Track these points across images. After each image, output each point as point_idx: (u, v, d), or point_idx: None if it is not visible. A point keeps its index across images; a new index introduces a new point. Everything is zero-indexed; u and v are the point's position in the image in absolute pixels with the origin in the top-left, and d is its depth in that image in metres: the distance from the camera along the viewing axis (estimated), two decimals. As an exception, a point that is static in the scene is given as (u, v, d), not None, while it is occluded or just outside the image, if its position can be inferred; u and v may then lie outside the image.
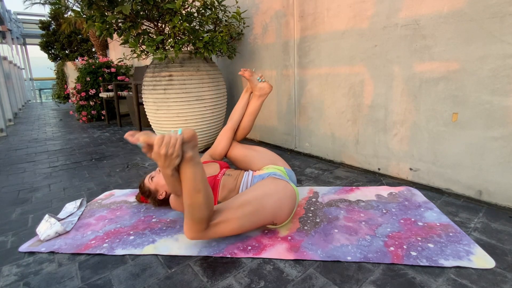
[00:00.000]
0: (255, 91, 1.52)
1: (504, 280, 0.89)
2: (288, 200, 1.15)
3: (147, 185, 1.39)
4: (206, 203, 0.96)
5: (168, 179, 0.98)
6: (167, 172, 0.93)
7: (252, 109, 1.54)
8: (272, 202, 1.10)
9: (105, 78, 4.36)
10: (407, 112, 1.58)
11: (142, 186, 1.41)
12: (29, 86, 12.24)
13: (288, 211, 1.15)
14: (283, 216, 1.14)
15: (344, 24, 1.79)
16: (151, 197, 1.39)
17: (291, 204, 1.16)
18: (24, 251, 1.13)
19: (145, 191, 1.39)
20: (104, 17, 1.96)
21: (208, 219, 1.00)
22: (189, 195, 0.94)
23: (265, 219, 1.10)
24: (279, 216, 1.13)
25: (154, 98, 2.20)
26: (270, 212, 1.10)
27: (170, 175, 0.95)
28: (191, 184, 0.93)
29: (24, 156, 2.56)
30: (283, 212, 1.13)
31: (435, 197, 1.45)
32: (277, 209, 1.11)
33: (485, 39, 1.26)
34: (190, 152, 0.92)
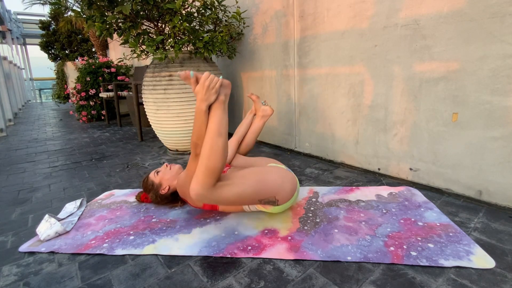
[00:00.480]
0: (258, 112, 1.67)
1: (504, 280, 0.89)
2: (289, 180, 1.22)
3: (152, 178, 1.42)
4: (223, 151, 1.07)
5: (200, 115, 1.10)
6: (202, 106, 1.08)
7: (255, 128, 1.67)
8: (275, 177, 1.20)
9: (105, 78, 4.36)
10: (407, 112, 1.58)
11: (145, 180, 1.44)
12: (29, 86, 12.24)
13: (289, 191, 1.21)
14: (284, 194, 1.19)
15: (344, 24, 1.79)
16: (154, 191, 1.40)
17: (292, 186, 1.22)
18: (24, 251, 1.13)
19: (149, 184, 1.42)
20: (104, 17, 1.96)
21: (219, 173, 1.08)
22: (212, 137, 1.07)
23: (266, 190, 1.17)
24: (281, 192, 1.18)
25: (154, 98, 2.20)
26: (272, 185, 1.18)
27: (204, 110, 1.09)
28: (216, 126, 1.07)
29: (24, 156, 2.56)
30: (285, 190, 1.19)
31: (435, 197, 1.45)
32: (279, 183, 1.19)
33: (485, 39, 1.26)
34: (223, 96, 1.11)
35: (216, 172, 1.06)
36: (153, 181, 1.41)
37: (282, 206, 1.24)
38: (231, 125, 2.99)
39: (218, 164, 1.06)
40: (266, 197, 1.18)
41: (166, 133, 2.30)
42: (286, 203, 1.23)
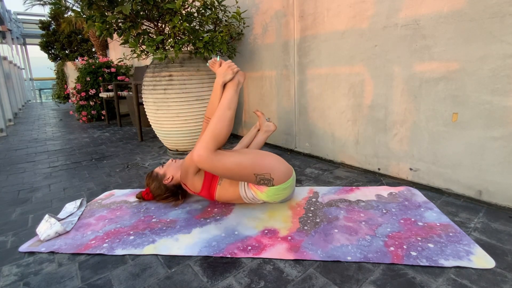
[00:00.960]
0: (262, 127, 1.74)
1: (504, 280, 0.89)
2: (284, 164, 1.33)
3: (157, 170, 1.48)
4: (229, 122, 1.26)
5: (216, 88, 1.35)
6: (219, 80, 1.34)
7: (258, 142, 1.73)
8: (271, 157, 1.32)
9: (105, 78, 4.36)
10: (407, 112, 1.58)
11: (150, 173, 1.49)
12: (29, 86, 12.24)
13: (284, 171, 1.29)
14: (280, 174, 1.27)
15: (344, 24, 1.79)
16: (157, 181, 1.44)
17: (288, 169, 1.32)
18: (24, 251, 1.13)
19: (153, 175, 1.46)
20: (104, 17, 1.96)
21: (222, 141, 1.25)
22: (222, 109, 1.27)
23: (262, 165, 1.26)
24: (276, 171, 1.27)
25: (154, 98, 2.20)
26: (268, 162, 1.28)
27: (220, 84, 1.34)
28: (227, 101, 1.29)
29: (24, 156, 2.56)
30: (280, 170, 1.28)
31: (435, 197, 1.45)
32: (274, 163, 1.29)
33: (485, 39, 1.26)
34: (237, 80, 1.36)
35: (220, 139, 1.23)
36: (158, 172, 1.47)
37: (277, 188, 1.27)
38: (231, 125, 2.99)
39: (223, 131, 1.23)
40: (262, 173, 1.24)
41: (166, 133, 2.30)
42: (281, 184, 1.27)
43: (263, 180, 1.26)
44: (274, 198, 1.32)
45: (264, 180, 1.26)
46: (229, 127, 1.26)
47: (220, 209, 1.40)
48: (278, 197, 1.32)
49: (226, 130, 1.25)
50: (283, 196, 1.33)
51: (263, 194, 1.30)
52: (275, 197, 1.31)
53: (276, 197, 1.32)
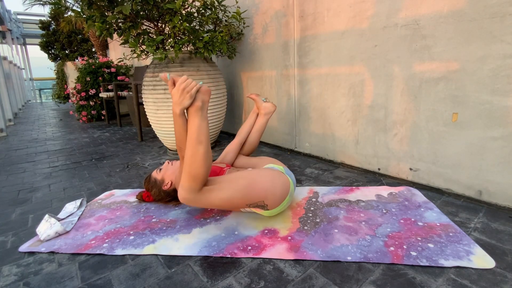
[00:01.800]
0: (261, 110, 1.66)
1: (504, 280, 0.89)
2: (281, 185, 1.21)
3: (154, 175, 1.44)
4: (205, 158, 1.06)
5: (175, 118, 1.09)
6: (176, 109, 1.07)
7: (259, 126, 1.66)
8: (265, 181, 1.18)
9: (105, 78, 4.36)
10: (407, 112, 1.58)
11: (148, 179, 1.46)
12: (29, 86, 12.23)
13: (279, 195, 1.20)
14: (274, 198, 1.19)
15: (344, 24, 1.79)
16: (157, 187, 1.42)
17: (284, 190, 1.21)
18: (24, 251, 1.13)
19: (151, 181, 1.43)
20: (104, 17, 1.96)
21: (204, 179, 1.08)
22: (192, 145, 1.05)
23: (254, 195, 1.16)
24: (269, 197, 1.17)
25: (154, 98, 2.20)
26: (260, 190, 1.16)
27: (178, 114, 1.07)
28: (195, 134, 1.05)
29: (24, 156, 2.56)
30: (274, 194, 1.18)
31: (435, 197, 1.45)
32: (267, 188, 1.17)
33: (485, 39, 1.26)
34: (200, 102, 1.06)
35: (200, 178, 1.06)
36: (156, 178, 1.43)
37: (273, 210, 1.24)
38: (231, 125, 2.99)
39: (200, 170, 1.05)
40: (254, 202, 1.18)
41: (166, 133, 2.30)
42: (276, 208, 1.23)
43: (257, 207, 1.21)
44: (270, 214, 1.27)
45: (258, 207, 1.21)
46: (206, 164, 1.06)
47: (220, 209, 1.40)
48: (275, 213, 1.28)
49: (204, 167, 1.06)
50: (280, 211, 1.28)
51: (260, 213, 1.27)
52: (271, 214, 1.27)
53: (273, 214, 1.28)
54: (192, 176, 1.06)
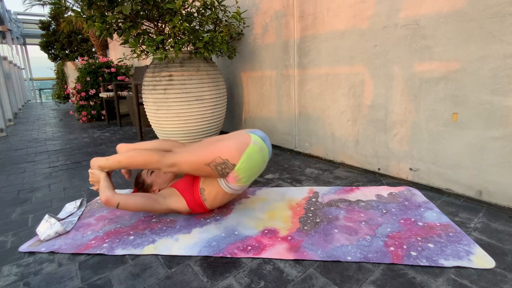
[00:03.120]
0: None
1: (504, 280, 0.89)
2: (235, 138, 1.24)
3: (144, 177, 1.43)
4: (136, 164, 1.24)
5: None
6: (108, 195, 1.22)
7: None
8: (216, 139, 1.29)
9: (105, 78, 4.36)
10: (407, 112, 1.58)
11: (138, 177, 1.46)
12: (29, 86, 12.24)
13: (234, 147, 1.19)
14: (230, 150, 1.18)
15: (344, 24, 1.79)
16: (143, 189, 1.42)
17: (241, 142, 1.22)
18: (24, 251, 1.13)
19: (139, 182, 1.44)
20: (104, 17, 1.96)
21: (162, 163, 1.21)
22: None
23: (209, 152, 1.19)
24: (224, 151, 1.18)
25: (154, 98, 2.20)
26: (214, 146, 1.21)
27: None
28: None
29: (24, 156, 2.56)
30: (228, 147, 1.19)
31: (435, 197, 1.45)
32: (222, 144, 1.21)
33: (485, 39, 1.26)
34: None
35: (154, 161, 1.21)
36: (144, 180, 1.43)
37: (241, 165, 1.19)
38: (231, 125, 2.99)
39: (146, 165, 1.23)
40: (212, 159, 1.18)
41: (166, 133, 2.30)
42: (241, 161, 1.18)
43: (219, 165, 1.19)
44: (253, 172, 1.23)
45: (220, 165, 1.18)
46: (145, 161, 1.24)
47: (220, 209, 1.40)
48: (254, 168, 1.23)
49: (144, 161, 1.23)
50: (258, 163, 1.24)
51: (241, 181, 1.23)
52: (252, 170, 1.23)
53: (253, 170, 1.23)
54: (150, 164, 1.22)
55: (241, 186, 1.27)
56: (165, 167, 1.22)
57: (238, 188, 1.28)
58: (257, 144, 1.23)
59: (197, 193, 1.29)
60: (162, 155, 1.23)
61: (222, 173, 1.21)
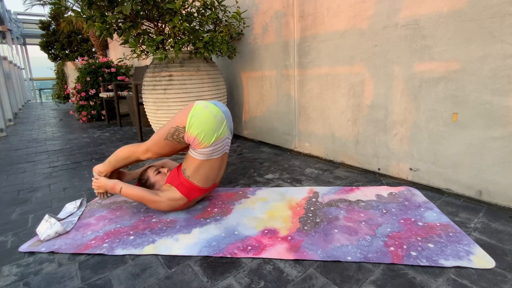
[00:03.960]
0: None
1: (504, 280, 0.89)
2: (183, 108, 1.35)
3: (149, 174, 1.46)
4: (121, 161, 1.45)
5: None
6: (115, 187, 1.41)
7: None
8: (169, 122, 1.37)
9: (105, 78, 4.36)
10: (407, 112, 1.58)
11: (143, 172, 1.49)
12: (29, 86, 12.23)
13: (181, 115, 1.30)
14: (179, 118, 1.30)
15: (344, 24, 1.79)
16: (145, 187, 1.44)
17: (186, 109, 1.32)
18: (24, 251, 1.13)
19: (143, 179, 1.47)
20: (104, 17, 1.96)
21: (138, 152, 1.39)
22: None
23: (166, 125, 1.33)
24: (175, 121, 1.31)
25: (154, 98, 2.20)
26: (167, 124, 1.34)
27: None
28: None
29: (24, 156, 2.56)
30: (176, 117, 1.32)
31: (435, 197, 1.45)
32: (170, 121, 1.34)
33: (485, 39, 1.26)
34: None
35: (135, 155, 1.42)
36: (149, 177, 1.46)
37: (192, 123, 1.26)
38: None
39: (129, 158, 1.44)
40: (167, 132, 1.31)
41: (166, 133, 2.30)
42: (190, 120, 1.26)
43: (175, 133, 1.30)
44: (206, 126, 1.26)
45: (175, 132, 1.29)
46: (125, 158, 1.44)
47: (220, 209, 1.40)
48: (206, 123, 1.26)
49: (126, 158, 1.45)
50: (208, 117, 1.27)
51: (202, 140, 1.27)
52: (205, 125, 1.26)
53: (205, 125, 1.26)
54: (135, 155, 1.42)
55: (207, 147, 1.29)
56: (142, 155, 1.39)
57: (207, 150, 1.30)
58: (200, 103, 1.33)
59: (181, 175, 1.36)
60: (138, 144, 1.42)
61: (180, 140, 1.31)
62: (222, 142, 1.33)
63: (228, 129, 1.39)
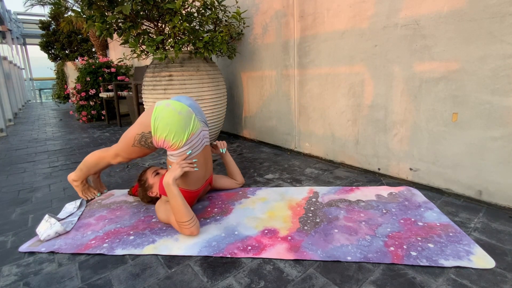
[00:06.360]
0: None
1: (504, 280, 0.89)
2: (144, 113, 1.31)
3: (148, 176, 1.43)
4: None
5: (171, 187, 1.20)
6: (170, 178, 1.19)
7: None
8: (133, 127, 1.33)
9: (105, 78, 4.36)
10: (407, 112, 1.58)
11: (142, 173, 1.46)
12: (29, 86, 12.23)
13: (144, 117, 1.28)
14: (142, 121, 1.27)
15: (344, 24, 1.79)
16: (143, 189, 1.42)
17: (147, 112, 1.29)
18: (24, 251, 1.13)
19: (142, 180, 1.43)
20: (104, 17, 1.96)
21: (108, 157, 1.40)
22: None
23: (130, 133, 1.30)
24: (140, 125, 1.27)
25: (154, 98, 2.20)
26: (131, 128, 1.31)
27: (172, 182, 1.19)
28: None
29: (24, 156, 2.56)
30: (141, 122, 1.28)
31: (435, 197, 1.45)
32: (138, 123, 1.29)
33: (485, 39, 1.26)
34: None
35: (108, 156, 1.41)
36: (147, 180, 1.41)
37: (157, 126, 1.21)
38: (231, 126, 2.99)
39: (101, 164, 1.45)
40: (133, 140, 1.28)
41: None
42: (154, 124, 1.21)
43: (142, 139, 1.27)
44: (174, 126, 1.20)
45: (143, 140, 1.27)
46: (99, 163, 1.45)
47: (220, 209, 1.40)
48: (172, 123, 1.20)
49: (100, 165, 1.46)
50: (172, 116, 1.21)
51: (173, 141, 1.21)
52: (172, 125, 1.20)
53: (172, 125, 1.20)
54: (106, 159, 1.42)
55: (182, 147, 1.23)
56: (112, 159, 1.39)
57: (183, 150, 1.24)
58: (161, 103, 1.27)
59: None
60: (107, 149, 1.40)
61: (149, 146, 1.28)
62: (197, 136, 1.28)
63: (201, 122, 1.33)
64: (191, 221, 1.15)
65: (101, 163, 1.43)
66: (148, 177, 1.42)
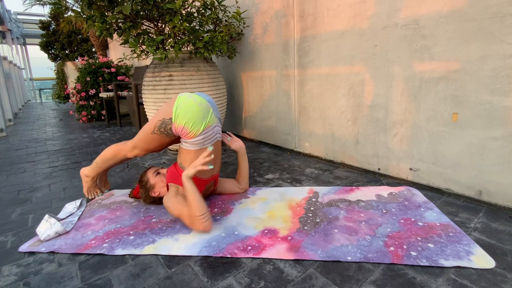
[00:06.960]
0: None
1: (504, 280, 0.89)
2: (167, 102, 1.35)
3: (149, 176, 1.43)
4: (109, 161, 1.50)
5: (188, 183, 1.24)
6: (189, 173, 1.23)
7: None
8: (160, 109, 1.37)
9: (105, 78, 4.36)
10: (407, 112, 1.58)
11: (143, 174, 1.46)
12: (29, 86, 12.23)
13: (167, 107, 1.31)
14: (164, 110, 1.32)
15: (344, 24, 1.79)
16: (145, 189, 1.42)
17: (170, 101, 1.33)
18: (24, 251, 1.13)
19: (143, 181, 1.44)
20: (104, 17, 1.96)
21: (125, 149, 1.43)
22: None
23: (151, 120, 1.35)
24: (160, 114, 1.32)
25: (154, 98, 2.20)
26: (154, 116, 1.35)
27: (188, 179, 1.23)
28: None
29: (24, 156, 2.56)
30: (163, 110, 1.32)
31: (435, 197, 1.45)
32: (160, 111, 1.33)
33: (485, 39, 1.26)
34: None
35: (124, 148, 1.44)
36: (149, 180, 1.42)
37: (179, 113, 1.26)
38: (231, 126, 2.99)
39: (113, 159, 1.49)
40: (153, 126, 1.32)
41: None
42: (176, 111, 1.26)
43: (162, 126, 1.30)
44: (193, 115, 1.26)
45: (162, 124, 1.30)
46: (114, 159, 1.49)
47: (220, 209, 1.40)
48: (191, 111, 1.26)
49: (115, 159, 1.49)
50: (193, 106, 1.27)
51: (190, 129, 1.25)
52: (191, 114, 1.26)
53: (191, 113, 1.26)
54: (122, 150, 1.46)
55: (198, 136, 1.28)
56: (129, 152, 1.42)
57: (198, 139, 1.28)
58: (184, 94, 1.34)
59: (180, 170, 1.35)
60: (125, 142, 1.44)
61: (167, 133, 1.31)
62: (212, 129, 1.32)
63: (216, 118, 1.38)
64: (205, 215, 1.17)
65: (118, 156, 1.45)
66: (150, 178, 1.42)
